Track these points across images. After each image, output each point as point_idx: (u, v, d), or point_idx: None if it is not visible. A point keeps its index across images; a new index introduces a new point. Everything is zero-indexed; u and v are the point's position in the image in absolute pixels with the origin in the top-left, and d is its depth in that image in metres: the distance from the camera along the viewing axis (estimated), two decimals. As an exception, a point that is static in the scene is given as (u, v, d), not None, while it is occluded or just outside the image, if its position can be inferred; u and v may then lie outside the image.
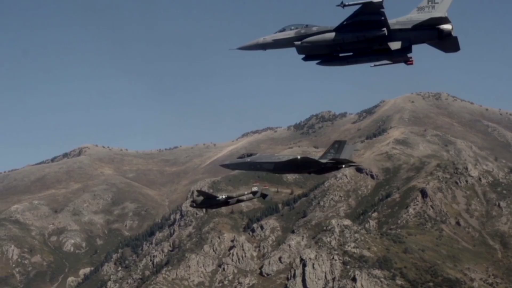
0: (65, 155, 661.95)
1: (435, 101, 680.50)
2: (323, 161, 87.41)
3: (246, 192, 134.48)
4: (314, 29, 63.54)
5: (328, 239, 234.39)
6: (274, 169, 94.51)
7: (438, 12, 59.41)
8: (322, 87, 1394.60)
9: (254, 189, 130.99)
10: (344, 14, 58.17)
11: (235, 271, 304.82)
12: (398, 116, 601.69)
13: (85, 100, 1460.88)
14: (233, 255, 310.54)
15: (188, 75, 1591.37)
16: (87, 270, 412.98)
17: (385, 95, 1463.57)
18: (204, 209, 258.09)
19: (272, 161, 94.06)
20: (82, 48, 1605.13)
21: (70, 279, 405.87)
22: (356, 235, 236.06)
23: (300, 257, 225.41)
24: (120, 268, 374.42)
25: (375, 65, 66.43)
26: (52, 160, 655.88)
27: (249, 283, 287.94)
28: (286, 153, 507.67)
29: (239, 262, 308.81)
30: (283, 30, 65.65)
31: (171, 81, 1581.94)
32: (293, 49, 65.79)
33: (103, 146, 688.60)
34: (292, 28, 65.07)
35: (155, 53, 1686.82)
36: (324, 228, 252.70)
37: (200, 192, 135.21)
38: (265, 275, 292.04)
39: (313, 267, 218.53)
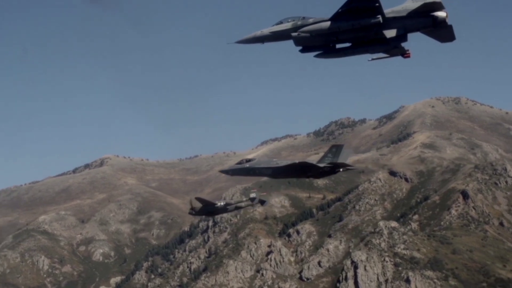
0: (87, 166, 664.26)
1: (455, 105, 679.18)
2: (321, 165, 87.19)
3: (244, 199, 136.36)
4: (311, 20, 63.77)
5: (378, 241, 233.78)
6: (273, 174, 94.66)
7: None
8: (338, 95, 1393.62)
9: (252, 195, 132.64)
10: (339, 4, 59.27)
11: (274, 276, 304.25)
12: (419, 120, 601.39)
13: (103, 112, 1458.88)
14: (271, 260, 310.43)
15: (203, 83, 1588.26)
16: (117, 279, 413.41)
17: (402, 100, 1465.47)
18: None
19: (270, 166, 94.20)
20: (101, 60, 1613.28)
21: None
22: (404, 236, 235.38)
23: (351, 259, 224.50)
24: (153, 276, 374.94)
25: (372, 59, 66.43)
26: (74, 171, 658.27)
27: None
28: (311, 159, 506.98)
29: (277, 267, 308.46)
30: (280, 22, 65.97)
31: (185, 90, 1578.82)
32: (308, 57, 66.32)
33: (124, 156, 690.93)
34: (289, 20, 65.34)
35: (172, 63, 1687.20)
36: (372, 230, 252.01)
37: (199, 199, 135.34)
38: (305, 280, 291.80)
39: (365, 269, 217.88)
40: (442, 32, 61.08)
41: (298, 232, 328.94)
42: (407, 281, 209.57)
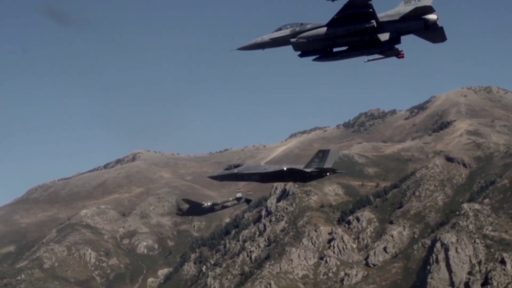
0: (118, 161, 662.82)
1: (486, 94, 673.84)
2: (308, 170, 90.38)
3: (230, 199, 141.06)
4: (308, 26, 66.49)
5: (465, 223, 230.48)
6: (261, 179, 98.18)
7: (423, 3, 62.17)
8: (363, 86, 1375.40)
9: (238, 195, 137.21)
10: (335, 11, 62.02)
11: (338, 263, 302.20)
12: (454, 110, 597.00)
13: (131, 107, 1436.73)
14: (333, 247, 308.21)
15: (231, 76, 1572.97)
16: (165, 270, 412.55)
17: (430, 91, 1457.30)
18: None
19: (258, 171, 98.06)
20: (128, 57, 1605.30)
21: (150, 280, 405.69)
22: (489, 218, 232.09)
23: (441, 241, 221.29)
24: (205, 267, 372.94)
25: (368, 60, 69.04)
26: (105, 166, 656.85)
27: (356, 274, 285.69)
28: (355, 150, 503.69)
29: (340, 254, 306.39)
30: (280, 29, 68.50)
31: (211, 82, 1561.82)
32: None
33: (155, 151, 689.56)
34: (288, 27, 67.95)
35: (198, 58, 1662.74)
36: (457, 212, 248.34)
37: (186, 201, 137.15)
38: (372, 266, 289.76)
39: (456, 251, 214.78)
40: (434, 33, 64.45)
41: (358, 219, 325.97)
42: (502, 262, 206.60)
